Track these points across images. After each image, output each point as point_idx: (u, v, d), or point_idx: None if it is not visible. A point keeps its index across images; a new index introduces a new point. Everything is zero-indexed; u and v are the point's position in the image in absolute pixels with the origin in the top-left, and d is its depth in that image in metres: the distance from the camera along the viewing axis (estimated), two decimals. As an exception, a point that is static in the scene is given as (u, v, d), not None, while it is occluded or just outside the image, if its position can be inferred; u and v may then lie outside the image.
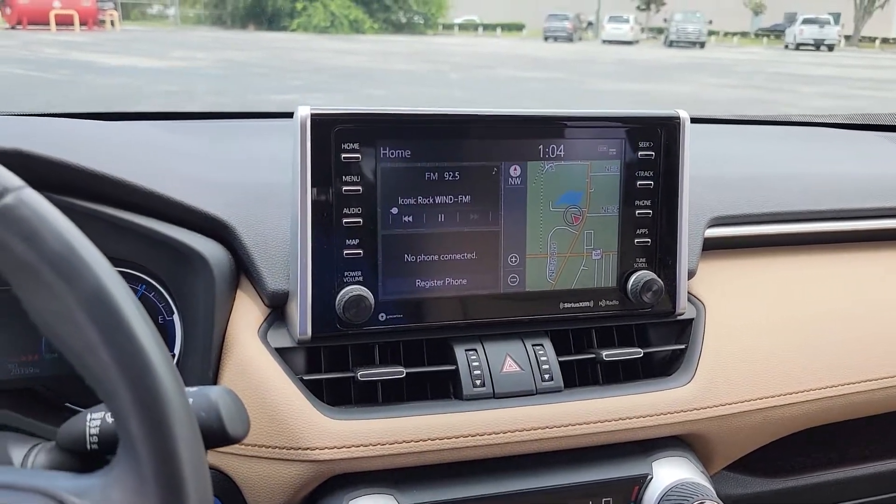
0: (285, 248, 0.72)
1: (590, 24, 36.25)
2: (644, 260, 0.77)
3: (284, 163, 0.72)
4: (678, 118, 0.76)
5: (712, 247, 0.87)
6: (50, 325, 0.39)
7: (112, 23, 24.57)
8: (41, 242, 0.38)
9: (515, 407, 0.70)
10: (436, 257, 0.71)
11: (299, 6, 29.25)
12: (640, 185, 0.75)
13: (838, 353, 0.85)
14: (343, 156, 0.67)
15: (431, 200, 0.70)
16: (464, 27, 37.12)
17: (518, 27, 36.42)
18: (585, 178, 0.74)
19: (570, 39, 29.21)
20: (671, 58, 19.96)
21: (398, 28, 31.50)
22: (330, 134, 0.67)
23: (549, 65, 16.16)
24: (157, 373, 0.38)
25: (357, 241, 0.69)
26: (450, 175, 0.71)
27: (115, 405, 0.39)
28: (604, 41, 29.08)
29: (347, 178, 0.68)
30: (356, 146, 0.68)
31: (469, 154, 0.71)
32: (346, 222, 0.68)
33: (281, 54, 16.54)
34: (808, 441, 0.89)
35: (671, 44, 27.98)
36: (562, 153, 0.73)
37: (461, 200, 0.71)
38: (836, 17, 28.00)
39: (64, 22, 22.02)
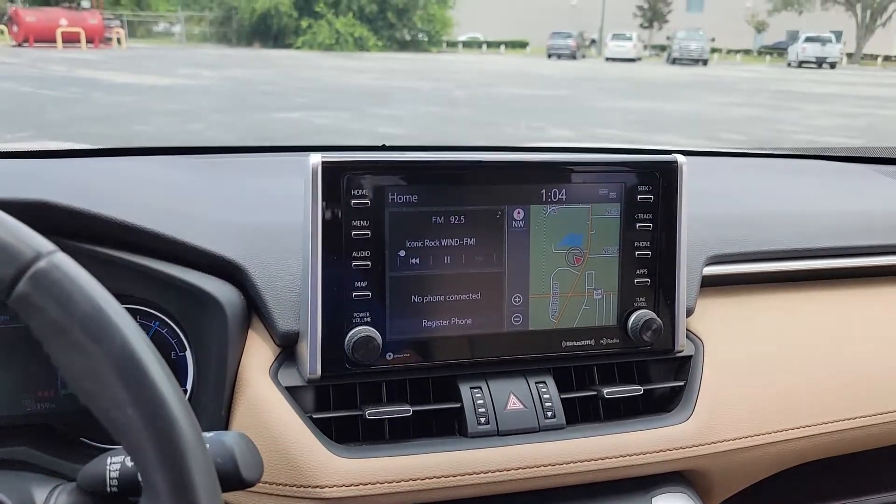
0: (296, 290, 0.74)
1: (593, 41, 36.51)
2: (644, 299, 0.79)
3: (295, 202, 0.74)
4: (675, 163, 0.78)
5: (710, 284, 0.89)
6: (79, 381, 0.42)
7: (118, 40, 24.81)
8: (73, 304, 0.40)
9: (519, 444, 0.72)
10: (442, 298, 0.73)
11: (304, 24, 29.52)
12: (639, 227, 0.78)
13: (835, 388, 0.87)
14: (353, 202, 0.70)
15: (438, 243, 0.73)
16: (468, 45, 37.39)
17: (522, 45, 36.68)
18: (587, 220, 0.77)
19: (573, 57, 29.41)
20: (674, 75, 20.07)
21: (402, 46, 31.76)
22: (340, 181, 0.69)
23: (552, 82, 16.27)
24: (181, 429, 0.41)
25: (366, 283, 0.71)
26: (455, 219, 0.73)
27: (139, 458, 0.41)
28: (607, 59, 29.25)
29: (357, 223, 0.70)
30: (365, 192, 0.70)
31: (474, 198, 0.73)
32: (355, 265, 0.71)
33: (286, 72, 16.68)
34: (808, 472, 0.90)
35: (674, 61, 28.13)
36: (563, 197, 0.76)
37: (466, 243, 0.74)
38: (839, 36, 28.13)
39: (70, 39, 22.27)
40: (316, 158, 0.69)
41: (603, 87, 15.19)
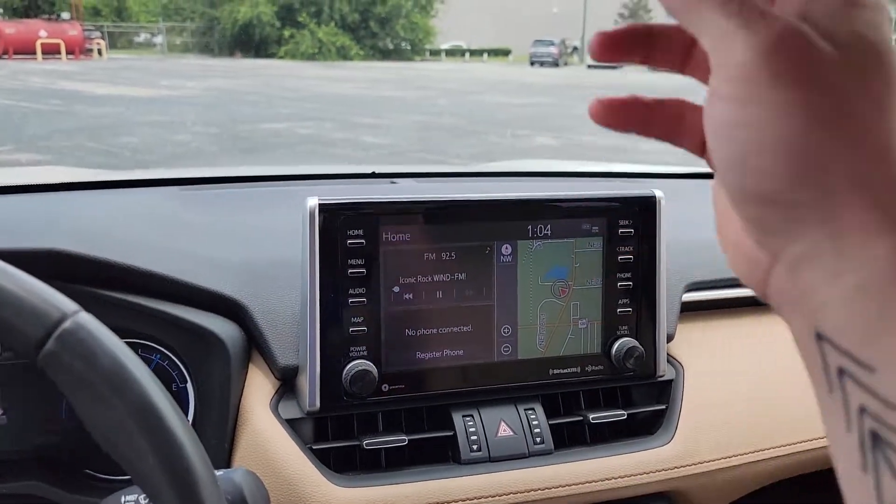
0: (295, 325, 0.77)
1: (575, 48, 36.81)
2: (626, 328, 0.83)
3: (291, 236, 0.77)
4: (654, 197, 0.83)
5: (690, 309, 0.93)
6: (103, 431, 0.45)
7: (99, 51, 24.69)
8: (97, 361, 0.44)
9: (510, 470, 0.76)
10: (434, 331, 0.77)
11: (287, 34, 29.54)
12: (621, 259, 0.82)
13: (812, 407, 0.90)
14: (349, 241, 0.73)
15: (430, 279, 0.76)
16: (451, 53, 37.56)
17: (505, 52, 36.91)
18: (571, 254, 0.80)
19: (556, 64, 29.63)
20: (656, 81, 20.29)
21: (385, 54, 31.85)
22: (336, 221, 0.73)
23: (535, 90, 16.39)
24: (196, 474, 0.44)
25: (361, 318, 0.74)
26: (447, 255, 0.77)
27: (159, 500, 0.44)
28: (589, 66, 29.52)
29: (353, 262, 0.74)
30: (360, 232, 0.74)
31: (464, 235, 0.77)
32: (351, 302, 0.74)
33: (270, 82, 16.68)
34: (788, 488, 0.94)
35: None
36: (549, 232, 0.79)
37: (457, 278, 0.77)
38: None
39: (50, 51, 22.13)
40: (313, 201, 0.72)
41: (585, 95, 15.29)
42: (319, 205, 0.72)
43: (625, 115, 0.33)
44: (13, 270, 0.44)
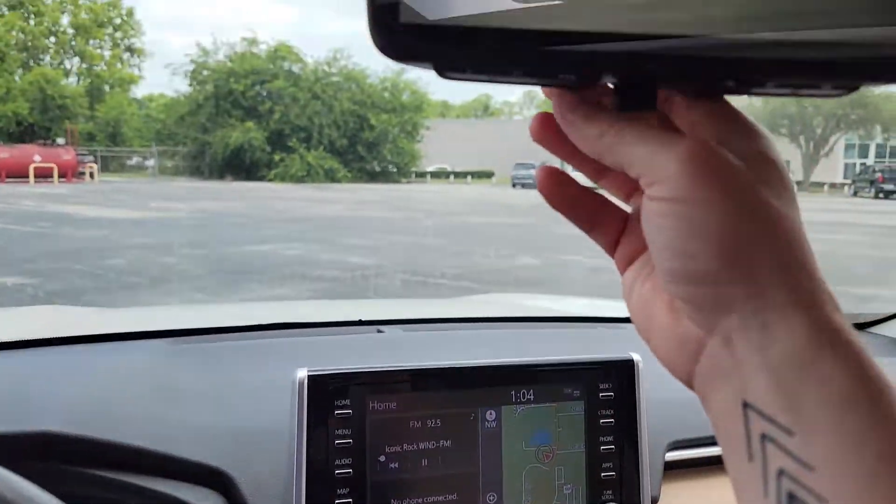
0: (281, 493, 0.77)
1: (554, 170, 38.05)
2: (610, 491, 0.83)
3: (278, 398, 0.79)
4: (632, 361, 0.86)
5: (675, 468, 0.94)
6: None
7: (91, 174, 25.26)
8: None
9: None
10: (420, 500, 0.77)
11: (277, 157, 30.52)
12: (602, 422, 0.84)
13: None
14: (336, 412, 0.75)
15: (416, 447, 0.77)
16: (436, 175, 38.83)
17: (488, 175, 38.22)
18: (554, 418, 0.82)
19: (536, 186, 30.53)
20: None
21: (372, 176, 32.85)
22: (324, 393, 0.75)
23: (518, 211, 16.84)
24: None
25: (347, 489, 0.75)
26: (432, 422, 0.78)
27: None
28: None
29: (340, 432, 0.75)
30: (348, 402, 0.75)
31: (449, 402, 0.79)
32: (338, 473, 0.74)
33: (258, 203, 17.03)
34: None
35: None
36: (531, 397, 0.82)
37: (442, 445, 0.78)
38: (787, 164, 29.92)
39: (43, 175, 22.63)
40: (302, 373, 0.75)
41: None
42: (308, 376, 0.74)
43: (559, 192, 0.38)
44: None
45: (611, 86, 0.33)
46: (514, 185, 30.41)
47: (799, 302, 0.30)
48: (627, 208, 0.40)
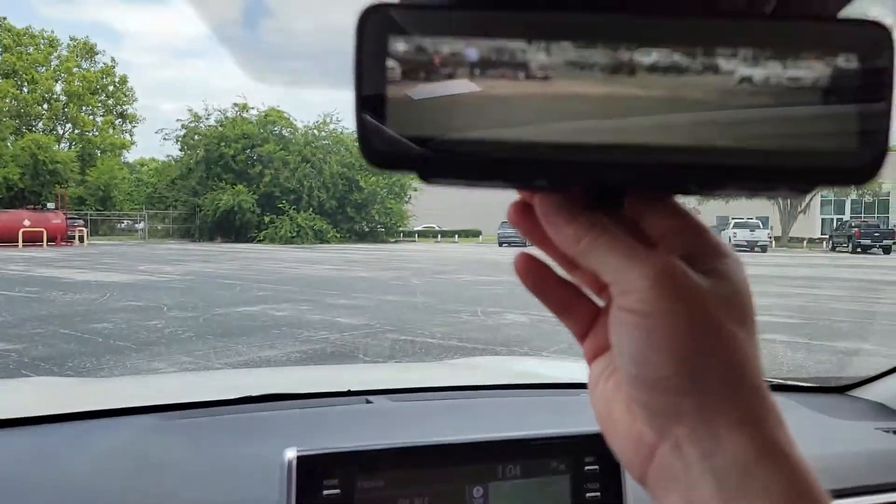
0: (268, 577, 0.77)
1: (542, 228, 38.39)
2: (599, 566, 0.84)
3: (268, 477, 0.79)
4: (617, 433, 0.87)
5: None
6: None
7: (81, 238, 25.24)
8: None
9: None
10: (409, 580, 0.77)
11: (267, 219, 30.67)
12: (588, 496, 0.85)
13: None
14: (325, 492, 0.76)
15: (404, 526, 0.78)
16: (423, 234, 39.09)
17: (475, 234, 38.52)
18: (541, 493, 0.83)
19: (523, 244, 30.52)
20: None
21: (361, 236, 33.03)
22: (313, 472, 0.76)
23: (504, 269, 16.86)
24: None
25: (336, 571, 0.75)
26: (419, 500, 0.79)
27: None
28: (554, 245, 30.60)
29: (328, 513, 0.75)
30: (336, 482, 0.76)
31: (436, 479, 0.80)
32: (326, 554, 0.75)
33: (247, 265, 17.03)
34: None
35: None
36: (518, 472, 0.83)
37: (431, 523, 0.79)
38: (765, 221, 30.39)
39: (32, 239, 22.61)
40: (291, 453, 0.76)
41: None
42: (298, 456, 0.75)
43: (535, 278, 0.40)
44: None
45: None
46: (500, 244, 30.61)
47: (744, 418, 0.33)
48: (600, 301, 0.42)
